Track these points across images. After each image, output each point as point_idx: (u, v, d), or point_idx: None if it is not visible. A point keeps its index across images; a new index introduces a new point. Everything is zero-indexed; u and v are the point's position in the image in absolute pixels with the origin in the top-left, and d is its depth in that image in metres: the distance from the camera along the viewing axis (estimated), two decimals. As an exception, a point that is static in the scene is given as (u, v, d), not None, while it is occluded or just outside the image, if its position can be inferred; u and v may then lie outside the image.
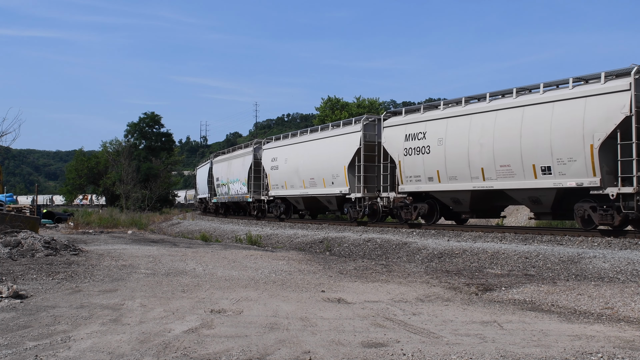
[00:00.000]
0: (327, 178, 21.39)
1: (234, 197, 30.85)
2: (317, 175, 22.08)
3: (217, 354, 5.10)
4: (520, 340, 5.66)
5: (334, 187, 21.05)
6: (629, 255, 10.66)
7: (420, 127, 17.23)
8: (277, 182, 25.29)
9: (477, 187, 15.46)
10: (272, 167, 25.76)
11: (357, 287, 9.18)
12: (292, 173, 23.89)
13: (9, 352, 5.16)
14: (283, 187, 24.73)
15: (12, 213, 19.22)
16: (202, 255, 13.57)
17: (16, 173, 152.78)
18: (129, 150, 50.84)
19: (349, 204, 20.57)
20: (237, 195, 30.23)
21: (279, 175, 25.07)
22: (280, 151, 25.30)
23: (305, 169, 22.86)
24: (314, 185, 22.37)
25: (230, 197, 31.52)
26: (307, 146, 23.34)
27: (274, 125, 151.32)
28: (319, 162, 22.00)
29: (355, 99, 48.25)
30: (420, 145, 17.14)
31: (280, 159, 25.04)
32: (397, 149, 18.04)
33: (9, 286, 7.97)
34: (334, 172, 20.87)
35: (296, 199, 24.35)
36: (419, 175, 17.22)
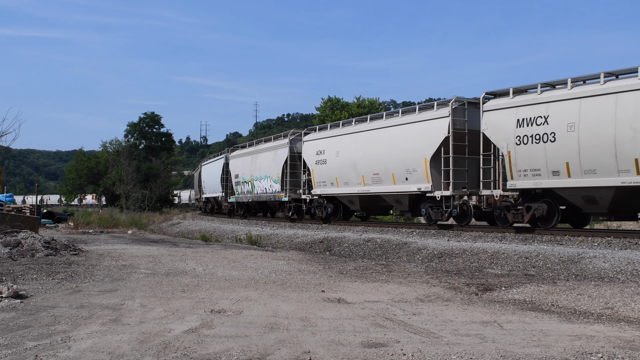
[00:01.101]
0: (399, 173, 18.06)
1: (261, 196, 27.13)
2: (384, 170, 18.66)
3: (217, 354, 5.10)
4: (520, 340, 5.66)
5: (408, 184, 17.74)
6: (629, 255, 10.66)
7: (540, 110, 14.14)
8: (324, 179, 21.86)
9: (627, 182, 12.69)
10: (317, 162, 22.26)
11: (357, 287, 9.18)
12: (346, 168, 20.54)
13: (9, 352, 5.16)
14: (332, 185, 21.36)
15: (12, 213, 19.23)
16: (202, 255, 13.57)
17: (16, 173, 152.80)
18: (129, 150, 50.85)
19: (428, 204, 17.51)
20: (266, 194, 26.51)
21: (327, 171, 21.62)
22: (330, 142, 21.73)
23: (366, 162, 19.53)
24: (379, 182, 19.00)
25: (257, 196, 27.67)
26: (368, 136, 19.66)
27: (274, 125, 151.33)
28: (387, 155, 18.61)
29: (355, 99, 48.28)
30: (541, 131, 14.08)
31: (329, 152, 21.55)
32: (504, 137, 14.95)
33: (9, 286, 7.97)
34: (410, 165, 17.59)
35: (350, 198, 21.00)
36: (537, 168, 14.25)
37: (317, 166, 22.31)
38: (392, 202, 19.50)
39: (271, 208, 28.76)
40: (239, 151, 31.84)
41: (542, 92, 14.34)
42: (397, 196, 18.70)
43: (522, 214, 14.84)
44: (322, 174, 21.98)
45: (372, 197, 20.07)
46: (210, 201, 38.48)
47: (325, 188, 21.96)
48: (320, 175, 22.11)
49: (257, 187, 27.60)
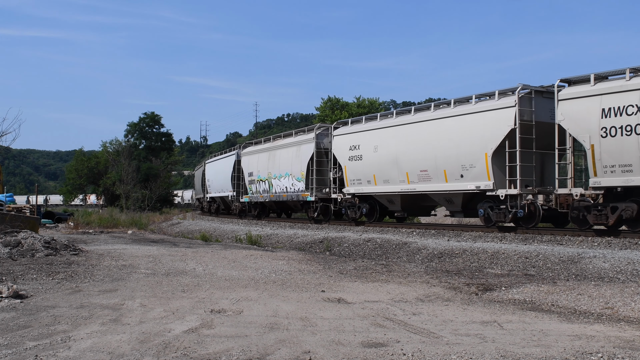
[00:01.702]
0: (452, 170, 16.20)
1: (280, 195, 25.08)
2: (434, 166, 16.82)
3: (217, 354, 5.10)
4: (520, 340, 5.66)
5: (463, 182, 15.92)
6: (629, 255, 10.66)
7: (631, 98, 12.55)
8: (359, 177, 19.92)
9: None
10: (350, 158, 20.30)
11: (357, 287, 9.18)
12: (386, 164, 18.62)
13: (9, 352, 5.16)
14: (369, 183, 19.44)
15: (12, 213, 19.23)
16: (202, 255, 13.57)
17: (16, 173, 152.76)
18: (129, 150, 50.85)
19: (486, 204, 15.75)
20: (287, 193, 24.43)
21: (363, 168, 19.67)
22: (366, 137, 19.71)
23: (411, 158, 17.65)
24: (426, 180, 17.13)
25: (275, 196, 25.57)
26: (414, 129, 17.75)
27: (274, 125, 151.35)
28: (437, 150, 16.69)
29: (355, 99, 48.27)
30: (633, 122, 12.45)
31: (366, 147, 19.55)
32: (586, 129, 13.33)
33: (9, 286, 7.97)
34: (466, 161, 15.79)
35: (390, 198, 19.03)
36: (628, 164, 12.56)
37: (350, 163, 20.38)
38: (441, 201, 17.69)
39: (291, 208, 26.87)
40: (253, 147, 29.51)
41: (632, 79, 12.73)
42: (449, 195, 16.77)
43: (606, 215, 13.19)
44: (357, 171, 20.04)
45: (416, 197, 18.29)
46: (216, 201, 36.42)
47: (360, 186, 20.00)
48: (354, 172, 20.15)
49: (276, 186, 25.52)
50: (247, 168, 29.06)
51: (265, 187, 26.76)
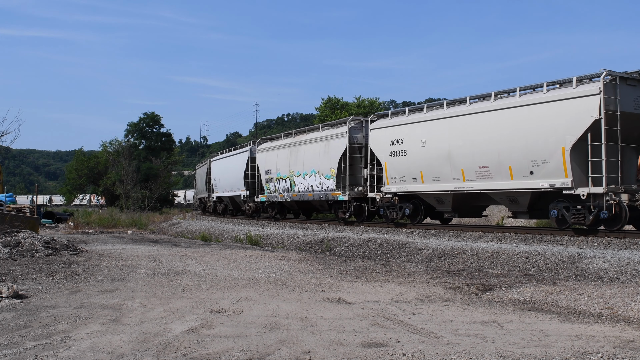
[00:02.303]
0: (520, 166, 14.41)
1: (305, 194, 23.09)
2: (497, 162, 14.94)
3: (217, 354, 5.10)
4: (520, 340, 5.66)
5: (534, 179, 14.11)
6: (629, 255, 10.66)
7: None
8: (402, 174, 18.07)
9: None
10: (391, 153, 18.40)
11: (357, 287, 9.18)
12: (436, 160, 16.80)
13: (9, 352, 5.16)
14: (415, 180, 17.60)
15: (12, 213, 19.23)
16: (202, 255, 13.58)
17: (16, 173, 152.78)
18: (129, 150, 50.85)
19: (560, 204, 14.03)
20: (314, 192, 22.41)
21: (408, 164, 17.80)
22: (412, 130, 17.86)
23: (468, 153, 15.74)
24: (487, 177, 15.31)
25: (299, 195, 23.54)
26: (472, 121, 15.78)
27: (274, 125, 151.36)
28: (501, 144, 14.87)
29: (355, 99, 48.27)
30: None
31: (411, 141, 17.71)
32: None
33: (9, 286, 7.97)
34: (537, 156, 13.99)
35: (440, 197, 17.19)
36: None
37: (391, 159, 18.47)
38: (502, 201, 15.81)
39: (316, 209, 24.89)
40: (271, 143, 27.25)
41: None
42: (514, 194, 14.95)
43: None
44: (400, 168, 18.15)
45: (472, 196, 16.47)
46: (224, 201, 34.28)
47: (403, 185, 18.09)
48: (397, 169, 18.27)
49: (299, 185, 23.56)
50: (263, 165, 27.04)
51: (285, 186, 24.77)
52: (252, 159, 28.69)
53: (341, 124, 21.63)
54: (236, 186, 30.82)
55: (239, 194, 30.34)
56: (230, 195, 31.94)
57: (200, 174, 42.60)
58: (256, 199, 27.77)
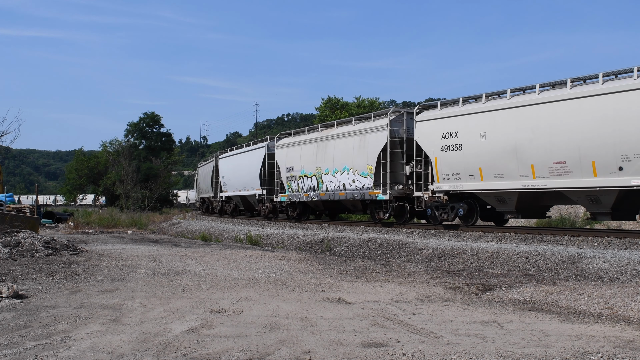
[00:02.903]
0: (605, 161, 12.87)
1: (335, 193, 21.25)
2: (577, 157, 13.42)
3: (217, 354, 5.11)
4: (520, 340, 5.66)
5: (623, 176, 12.60)
6: (629, 255, 10.67)
7: None
8: (456, 170, 16.37)
9: None
10: (443, 147, 16.69)
11: (357, 287, 9.18)
12: (499, 155, 15.11)
13: (9, 352, 5.16)
14: (472, 178, 15.88)
15: (12, 213, 19.24)
16: (202, 255, 13.58)
17: (16, 173, 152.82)
18: (129, 150, 50.88)
19: None
20: (347, 190, 20.63)
21: (464, 159, 16.06)
22: (468, 121, 16.09)
23: (539, 146, 14.17)
24: (562, 174, 13.76)
25: (328, 194, 21.66)
26: (544, 111, 14.17)
27: (274, 125, 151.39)
28: (582, 136, 13.32)
29: (355, 99, 48.28)
30: None
31: (468, 134, 15.99)
32: None
33: (9, 286, 7.97)
34: (630, 150, 12.47)
35: (501, 196, 15.53)
36: None
37: (443, 154, 16.73)
38: (580, 200, 14.21)
39: (347, 209, 23.32)
40: (293, 138, 25.41)
41: None
42: (597, 193, 13.39)
43: None
44: (453, 164, 16.38)
45: (541, 195, 14.83)
46: (234, 200, 32.45)
47: (457, 182, 16.36)
48: (450, 165, 16.50)
49: (328, 183, 21.77)
50: (284, 162, 25.08)
51: (311, 184, 22.92)
52: (270, 155, 26.82)
53: (379, 116, 19.92)
54: (250, 185, 29.00)
55: (253, 193, 28.55)
56: (243, 195, 30.17)
57: (205, 173, 40.84)
58: (275, 198, 25.99)
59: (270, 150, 27.00)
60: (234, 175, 31.66)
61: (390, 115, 18.86)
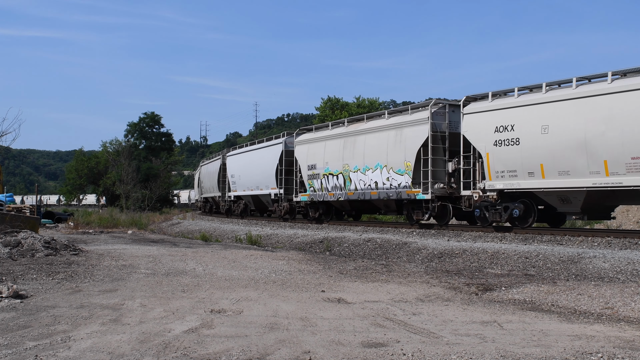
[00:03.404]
0: None
1: (366, 192, 19.75)
2: None
3: (217, 354, 5.11)
4: (520, 340, 5.66)
5: None
6: (629, 255, 10.67)
7: None
8: (513, 167, 14.88)
9: None
10: (497, 142, 15.24)
11: (357, 287, 9.18)
12: (565, 150, 13.66)
13: (9, 352, 5.16)
14: (532, 175, 14.41)
15: (12, 213, 19.24)
16: (202, 255, 13.58)
17: (16, 173, 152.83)
18: (129, 150, 50.91)
19: None
20: (380, 189, 19.13)
21: (521, 155, 14.63)
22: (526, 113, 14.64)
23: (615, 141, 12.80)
24: None
25: (358, 193, 20.15)
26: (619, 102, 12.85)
27: (274, 125, 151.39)
28: None
29: (355, 99, 48.30)
30: None
31: (526, 127, 14.53)
32: None
33: (9, 286, 7.97)
34: None
35: (566, 195, 14.12)
36: None
37: (496, 149, 15.30)
38: None
39: (377, 209, 21.65)
40: (315, 134, 23.67)
41: None
42: None
43: None
44: (509, 160, 14.96)
45: (610, 194, 13.56)
46: (244, 200, 30.58)
47: (513, 180, 14.95)
48: (504, 161, 15.08)
49: (358, 181, 20.21)
50: (305, 160, 23.46)
51: (337, 183, 21.36)
52: (288, 152, 25.06)
53: (418, 109, 18.47)
54: (264, 183, 27.16)
55: (267, 192, 26.68)
56: (256, 194, 28.35)
57: (209, 171, 38.78)
58: (295, 197, 24.26)
59: (288, 146, 25.31)
60: (244, 174, 29.98)
61: (432, 107, 17.38)
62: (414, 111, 18.56)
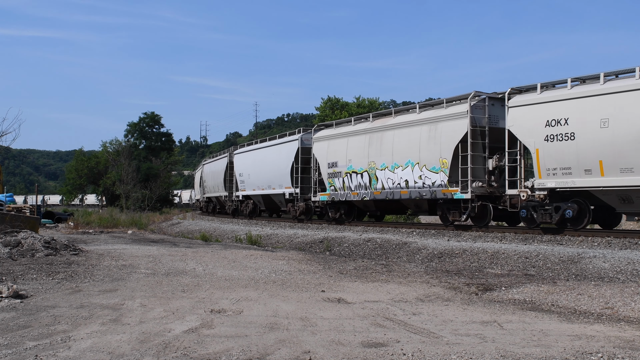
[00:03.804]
0: None
1: (395, 191, 18.44)
2: None
3: (217, 354, 5.11)
4: (520, 340, 5.66)
5: None
6: (629, 255, 10.67)
7: None
8: (567, 164, 13.72)
9: None
10: (547, 137, 14.00)
11: (357, 287, 9.18)
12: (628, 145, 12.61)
13: (9, 352, 5.16)
14: (589, 173, 13.34)
15: (12, 213, 19.24)
16: (202, 255, 13.58)
17: (16, 173, 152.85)
18: (129, 150, 50.93)
19: None
20: (411, 188, 17.77)
21: (577, 151, 13.47)
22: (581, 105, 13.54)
23: None
24: None
25: (385, 192, 18.81)
26: None
27: (274, 125, 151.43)
28: None
29: (355, 99, 48.30)
30: None
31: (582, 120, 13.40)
32: None
33: (9, 286, 7.97)
34: None
35: (628, 194, 13.09)
36: None
37: (547, 144, 14.17)
38: None
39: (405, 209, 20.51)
40: (335, 130, 22.24)
41: None
42: None
43: None
44: (562, 156, 13.84)
45: None
46: (253, 200, 29.13)
47: (567, 178, 13.82)
48: (557, 157, 13.95)
49: (386, 180, 18.84)
50: (324, 157, 22.16)
51: (361, 182, 20.03)
52: (305, 149, 23.68)
53: (454, 103, 17.17)
54: (277, 182, 25.61)
55: (280, 191, 25.18)
56: (267, 194, 26.86)
57: (213, 170, 37.14)
58: (313, 197, 22.87)
59: (305, 143, 23.81)
60: (254, 172, 28.34)
61: (471, 100, 16.16)
62: (449, 105, 17.26)
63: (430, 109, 18.08)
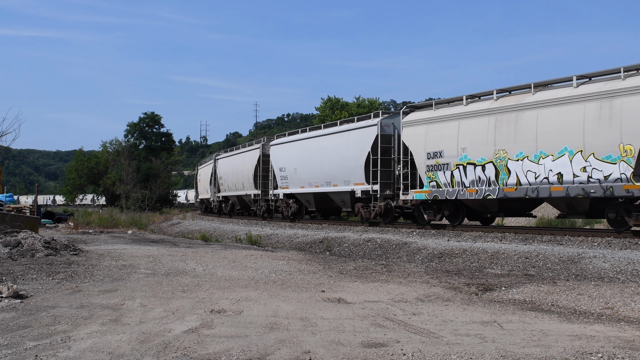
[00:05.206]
0: None
1: (541, 187, 14.24)
2: None
3: (217, 354, 5.11)
4: (520, 340, 5.66)
5: None
6: (629, 255, 10.67)
7: None
8: None
9: None
10: None
11: (357, 287, 9.18)
12: None
13: (9, 352, 5.16)
14: None
15: (12, 213, 19.24)
16: (202, 255, 13.58)
17: (16, 173, 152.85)
18: (129, 150, 50.95)
19: None
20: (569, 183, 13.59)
21: None
22: None
23: None
24: None
25: (527, 189, 14.53)
26: None
27: (274, 125, 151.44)
28: None
29: (355, 99, 48.27)
30: None
31: None
32: None
33: (9, 286, 7.97)
34: None
35: None
36: None
37: None
38: None
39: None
40: (435, 111, 17.79)
41: None
42: None
43: None
44: None
45: None
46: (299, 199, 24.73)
47: None
48: None
49: (525, 173, 14.62)
50: (421, 145, 17.76)
51: (482, 176, 15.84)
52: (385, 137, 19.33)
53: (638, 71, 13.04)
54: (341, 178, 21.13)
55: (348, 189, 20.72)
56: (322, 192, 22.56)
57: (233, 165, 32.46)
58: (403, 195, 18.48)
59: (386, 130, 19.54)
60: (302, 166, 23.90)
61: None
62: (629, 75, 13.11)
63: (597, 82, 13.75)
